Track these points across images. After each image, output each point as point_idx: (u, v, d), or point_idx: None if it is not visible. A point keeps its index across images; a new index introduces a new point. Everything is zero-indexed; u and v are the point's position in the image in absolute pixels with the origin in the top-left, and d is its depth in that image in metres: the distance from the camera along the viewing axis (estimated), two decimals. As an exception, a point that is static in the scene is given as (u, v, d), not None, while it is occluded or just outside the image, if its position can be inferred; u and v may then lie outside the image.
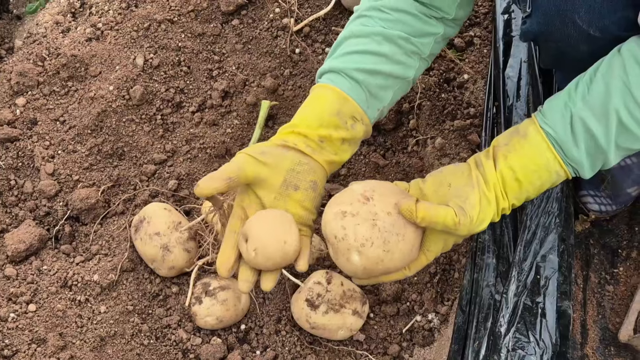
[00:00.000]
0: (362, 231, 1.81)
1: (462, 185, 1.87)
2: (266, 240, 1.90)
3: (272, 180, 1.97)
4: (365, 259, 1.83)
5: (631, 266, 2.42)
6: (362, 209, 1.83)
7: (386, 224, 1.82)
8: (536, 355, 2.04)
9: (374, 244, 1.81)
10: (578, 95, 1.83)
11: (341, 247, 1.84)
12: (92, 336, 2.23)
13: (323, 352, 2.31)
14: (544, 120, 1.86)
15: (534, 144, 1.85)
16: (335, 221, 1.84)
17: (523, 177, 1.86)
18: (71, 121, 2.62)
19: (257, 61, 2.76)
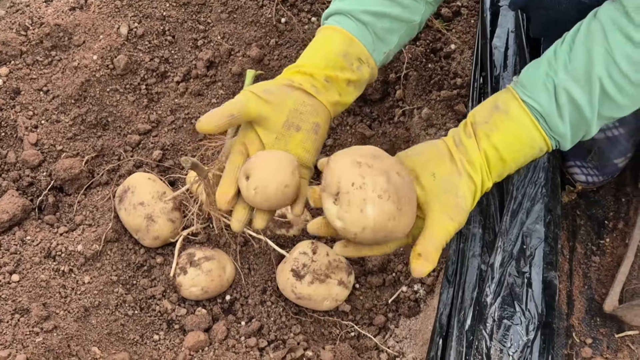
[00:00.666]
0: (380, 182, 1.70)
1: (447, 174, 1.82)
2: (268, 181, 1.86)
3: (274, 119, 1.93)
4: (380, 212, 1.70)
5: (617, 237, 2.42)
6: (375, 163, 1.73)
7: (397, 183, 1.73)
8: (522, 325, 2.03)
9: (390, 197, 1.70)
10: (559, 64, 1.80)
11: (357, 197, 1.71)
12: (76, 306, 2.22)
13: (308, 323, 2.31)
14: (526, 93, 1.83)
15: (518, 121, 1.82)
16: (353, 169, 1.72)
17: (507, 156, 1.83)
18: (55, 91, 2.60)
19: (243, 31, 2.74)
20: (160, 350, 2.24)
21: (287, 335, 2.28)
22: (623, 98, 1.79)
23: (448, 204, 1.79)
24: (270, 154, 1.91)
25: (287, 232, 2.35)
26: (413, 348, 2.24)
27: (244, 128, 1.99)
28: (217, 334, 2.25)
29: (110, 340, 2.22)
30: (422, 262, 1.75)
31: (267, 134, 1.95)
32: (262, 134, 1.95)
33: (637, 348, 2.23)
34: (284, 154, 1.91)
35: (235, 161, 1.95)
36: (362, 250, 1.87)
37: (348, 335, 2.30)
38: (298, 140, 1.95)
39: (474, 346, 2.03)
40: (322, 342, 2.29)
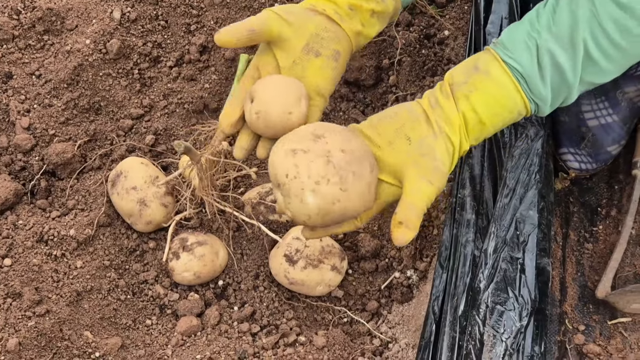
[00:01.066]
0: (316, 168, 1.67)
1: (423, 136, 1.77)
2: (271, 106, 1.82)
3: (294, 42, 1.89)
4: (321, 198, 1.68)
5: (610, 224, 2.42)
6: (314, 146, 1.70)
7: (341, 162, 1.68)
8: (515, 311, 2.04)
9: (330, 181, 1.67)
10: (542, 25, 1.76)
11: (293, 187, 1.69)
12: (69, 291, 2.22)
13: (301, 308, 2.31)
14: (507, 54, 1.78)
15: (499, 82, 1.78)
16: (286, 159, 1.69)
17: (486, 119, 1.79)
18: (47, 75, 2.59)
19: (236, 16, 2.73)
20: (152, 335, 2.24)
21: (279, 321, 2.28)
22: (608, 63, 1.76)
23: (426, 168, 1.75)
24: (278, 77, 1.87)
25: (280, 217, 2.35)
26: (406, 334, 2.24)
27: (261, 50, 1.95)
28: (210, 319, 2.25)
29: (102, 324, 2.22)
30: (403, 230, 1.71)
31: (285, 57, 1.90)
32: (280, 57, 1.91)
33: (630, 335, 2.23)
34: (292, 79, 1.87)
35: (245, 84, 1.92)
36: (328, 230, 1.84)
37: (341, 321, 2.31)
38: (316, 67, 1.91)
39: (467, 332, 2.03)
40: (314, 327, 2.29)
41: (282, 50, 1.90)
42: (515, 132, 2.25)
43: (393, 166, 1.78)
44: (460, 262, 2.16)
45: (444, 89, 1.81)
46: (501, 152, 2.26)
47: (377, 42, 2.59)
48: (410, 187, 1.74)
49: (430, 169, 1.74)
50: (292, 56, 1.90)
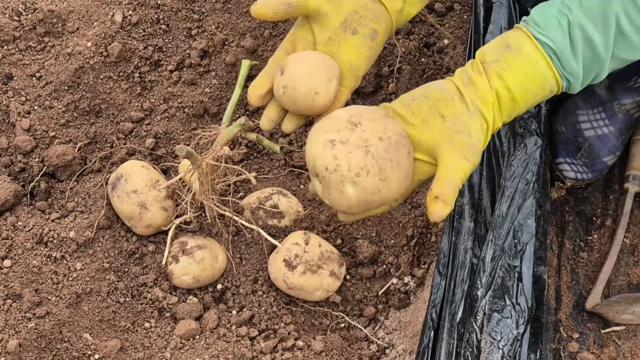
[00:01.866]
0: (355, 160, 1.68)
1: (457, 114, 1.78)
2: (298, 83, 1.82)
3: (332, 18, 1.88)
4: (361, 189, 1.70)
5: (605, 234, 2.44)
6: (351, 136, 1.70)
7: (379, 150, 1.70)
8: (512, 318, 2.05)
9: (369, 172, 1.69)
10: (573, 1, 1.75)
11: (333, 180, 1.71)
12: (68, 293, 2.22)
13: (299, 313, 2.32)
14: (539, 31, 1.78)
15: (532, 59, 1.78)
16: (325, 151, 1.70)
17: (519, 96, 1.79)
18: (48, 77, 2.60)
19: (237, 21, 2.74)
20: (151, 338, 2.25)
21: (278, 325, 2.29)
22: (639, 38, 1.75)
23: (461, 144, 1.76)
24: (313, 54, 1.85)
25: (279, 222, 2.36)
26: (403, 340, 2.25)
27: (297, 24, 1.95)
28: (208, 323, 2.26)
29: (101, 327, 2.23)
30: (440, 205, 1.72)
31: (321, 32, 1.90)
32: (317, 32, 1.90)
33: (623, 343, 2.25)
34: (327, 58, 1.85)
35: (278, 57, 1.92)
36: (365, 214, 1.86)
37: (338, 326, 2.32)
38: (352, 44, 1.90)
39: (464, 338, 2.05)
40: (312, 332, 2.31)
41: (319, 25, 1.90)
42: (514, 142, 2.27)
43: (428, 144, 1.79)
44: (459, 270, 2.18)
45: (475, 67, 1.82)
46: (500, 161, 2.28)
47: (377, 49, 2.61)
48: (446, 163, 1.76)
49: (466, 146, 1.76)
50: (328, 32, 1.90)
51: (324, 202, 1.86)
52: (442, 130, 1.78)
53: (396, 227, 2.41)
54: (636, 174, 2.45)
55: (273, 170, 2.55)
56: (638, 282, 2.36)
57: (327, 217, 2.44)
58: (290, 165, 2.55)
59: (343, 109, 1.80)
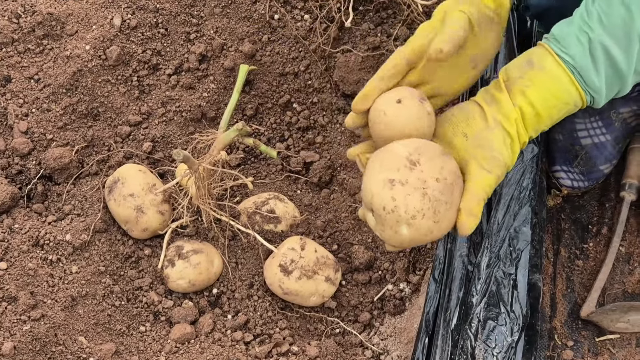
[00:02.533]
0: (413, 202, 1.70)
1: (478, 130, 1.81)
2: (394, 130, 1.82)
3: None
4: (415, 231, 1.72)
5: (600, 242, 2.44)
6: (410, 177, 1.72)
7: (436, 192, 1.72)
8: (507, 326, 2.06)
9: (425, 215, 1.71)
10: (594, 20, 1.76)
11: (389, 220, 1.72)
12: (64, 296, 2.23)
13: (294, 318, 2.33)
14: (560, 48, 1.79)
15: (554, 76, 1.79)
16: (384, 191, 1.72)
17: (543, 112, 1.80)
18: (46, 80, 2.60)
19: (236, 26, 2.74)
20: (146, 341, 2.25)
21: (273, 330, 2.29)
22: None
23: (483, 158, 1.79)
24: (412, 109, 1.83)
25: (275, 227, 2.36)
26: (397, 346, 2.26)
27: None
28: (204, 327, 2.26)
29: (96, 330, 2.23)
30: (466, 218, 1.76)
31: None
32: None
33: (618, 352, 2.25)
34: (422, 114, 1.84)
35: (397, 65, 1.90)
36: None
37: (333, 332, 2.32)
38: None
39: (459, 345, 2.05)
40: (307, 337, 2.31)
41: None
42: (510, 149, 2.28)
43: (456, 162, 1.82)
44: (454, 277, 2.18)
45: (498, 85, 1.84)
46: (496, 168, 2.28)
47: (376, 56, 2.61)
48: (471, 177, 1.79)
49: (488, 158, 1.79)
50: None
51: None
52: (466, 148, 1.81)
53: (392, 233, 2.41)
54: (632, 183, 2.45)
55: (270, 175, 2.56)
56: (633, 290, 2.36)
57: (323, 223, 2.45)
58: (288, 170, 2.56)
59: (402, 143, 1.80)
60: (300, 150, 2.57)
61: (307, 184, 2.55)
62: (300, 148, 2.58)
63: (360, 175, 2.46)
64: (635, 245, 2.44)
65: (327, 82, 2.65)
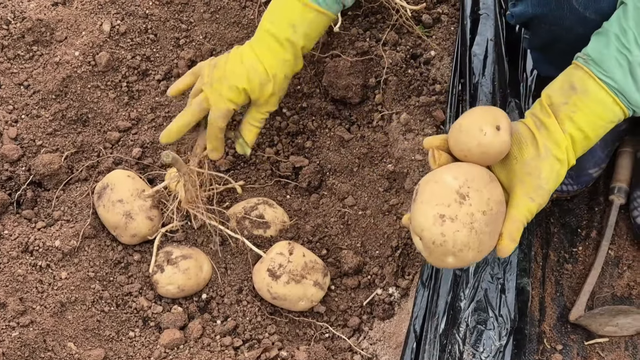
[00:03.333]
0: (461, 238, 1.77)
1: (529, 157, 1.85)
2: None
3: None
4: (459, 261, 1.80)
5: (590, 246, 2.45)
6: (460, 212, 1.78)
7: (482, 225, 1.79)
8: (495, 330, 2.06)
9: (470, 248, 1.78)
10: (631, 42, 1.79)
11: (437, 251, 1.80)
12: (53, 302, 2.23)
13: (283, 323, 2.33)
14: (600, 71, 1.82)
15: (599, 100, 1.82)
16: (435, 227, 1.79)
17: (591, 134, 1.85)
18: (35, 86, 2.60)
19: (225, 31, 2.75)
20: (135, 347, 2.25)
21: (262, 335, 2.29)
22: None
23: (530, 186, 1.83)
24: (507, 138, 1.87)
25: (264, 232, 2.37)
26: (387, 350, 2.26)
27: None
28: (193, 332, 2.27)
29: (86, 336, 2.23)
30: (507, 243, 1.83)
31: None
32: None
33: (607, 355, 2.26)
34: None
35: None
36: None
37: (322, 336, 2.32)
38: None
39: (447, 350, 2.06)
40: (296, 342, 2.31)
41: None
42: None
43: (503, 182, 1.89)
44: (442, 281, 2.18)
45: (544, 110, 1.87)
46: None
47: (365, 60, 2.61)
48: (514, 203, 1.86)
49: (534, 187, 1.84)
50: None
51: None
52: (515, 172, 1.87)
53: (381, 238, 2.42)
54: (621, 186, 2.46)
55: (259, 180, 2.56)
56: (622, 294, 2.37)
57: (312, 228, 2.45)
58: (277, 175, 2.56)
59: (452, 173, 1.85)
60: (290, 155, 2.57)
61: (296, 189, 2.55)
62: (290, 153, 2.58)
63: (350, 180, 2.48)
64: (625, 249, 2.45)
65: (316, 87, 2.65)
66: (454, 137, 1.90)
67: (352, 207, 2.48)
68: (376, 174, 2.52)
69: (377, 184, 2.51)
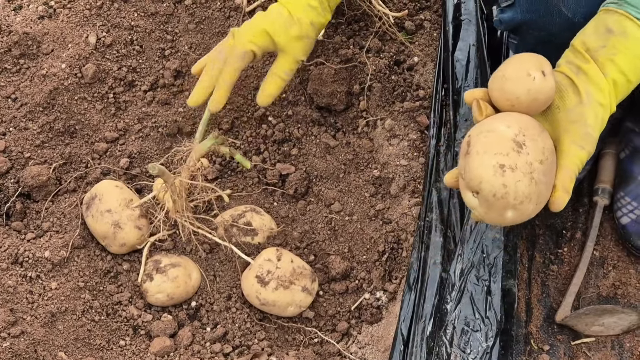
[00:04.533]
0: (522, 189, 1.71)
1: (572, 105, 1.82)
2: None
3: None
4: (519, 214, 1.74)
5: (575, 247, 2.47)
6: (519, 161, 1.72)
7: (540, 175, 1.73)
8: (481, 331, 2.08)
9: (531, 199, 1.72)
10: None
11: (497, 205, 1.73)
12: (43, 312, 2.24)
13: (273, 329, 2.34)
14: (637, 11, 1.80)
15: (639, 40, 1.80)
16: (496, 178, 1.71)
17: (633, 77, 1.82)
18: (23, 99, 2.61)
19: (210, 41, 2.76)
20: (126, 355, 2.26)
21: (251, 341, 2.31)
22: None
23: (577, 134, 1.80)
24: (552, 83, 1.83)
25: (252, 239, 2.38)
26: (375, 354, 2.27)
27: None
28: (183, 340, 2.28)
29: (76, 345, 2.24)
30: (560, 194, 1.79)
31: None
32: None
33: (593, 355, 2.28)
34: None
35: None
36: None
37: (311, 341, 2.34)
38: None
39: (434, 352, 2.08)
40: (286, 347, 2.32)
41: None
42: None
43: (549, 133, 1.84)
44: (428, 284, 2.20)
45: (580, 56, 1.84)
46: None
47: (349, 68, 2.63)
48: (564, 153, 1.82)
49: (581, 135, 1.80)
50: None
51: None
52: (559, 121, 1.83)
53: (368, 243, 2.43)
54: (605, 187, 2.48)
55: (247, 188, 2.57)
56: (608, 294, 2.38)
57: (300, 234, 2.47)
58: (264, 183, 2.57)
59: (505, 121, 1.80)
60: (276, 163, 2.59)
61: (283, 196, 2.56)
62: (276, 160, 2.60)
63: (336, 187, 2.50)
64: (609, 250, 2.46)
65: (301, 95, 2.67)
66: (499, 86, 1.84)
67: (338, 212, 2.50)
68: (362, 180, 2.54)
69: (363, 190, 2.52)
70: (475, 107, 1.86)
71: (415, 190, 2.46)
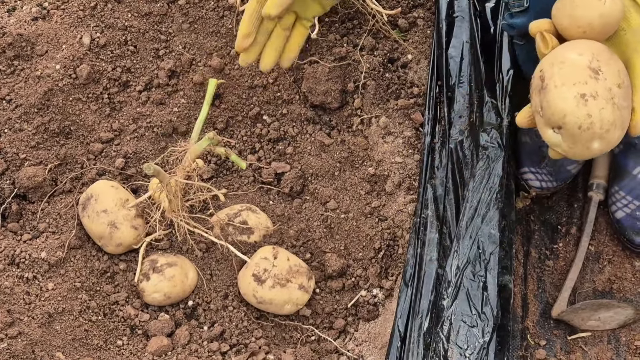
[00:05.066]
0: (606, 116, 1.66)
1: (637, 25, 1.78)
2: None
3: None
4: (606, 143, 1.70)
5: (570, 242, 2.47)
6: (599, 88, 1.67)
7: (620, 100, 1.68)
8: (478, 327, 2.08)
9: (616, 126, 1.68)
10: None
11: (584, 137, 1.68)
12: (40, 313, 2.24)
13: (270, 327, 2.35)
14: None
15: None
16: (579, 108, 1.66)
17: None
18: (17, 100, 2.61)
19: (204, 41, 2.77)
20: (123, 355, 2.26)
21: (248, 340, 2.31)
22: None
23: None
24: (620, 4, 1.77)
25: (248, 238, 2.38)
26: (372, 351, 2.28)
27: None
28: (180, 339, 2.28)
29: (74, 345, 2.24)
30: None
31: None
32: None
33: (590, 349, 2.28)
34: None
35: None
36: None
37: (309, 339, 2.34)
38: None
39: (431, 348, 2.08)
40: (283, 346, 2.33)
41: None
42: (477, 154, 2.31)
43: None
44: (425, 281, 2.21)
45: None
46: (463, 172, 2.32)
47: (343, 66, 2.64)
48: (638, 73, 1.77)
49: None
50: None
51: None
52: (627, 43, 1.79)
53: (364, 240, 2.44)
54: (599, 182, 2.48)
55: (242, 187, 2.57)
56: (603, 288, 2.39)
57: (296, 232, 2.47)
58: (259, 181, 2.58)
59: (576, 49, 1.75)
60: (272, 162, 2.59)
61: (279, 195, 2.57)
62: (272, 159, 2.60)
63: (331, 184, 2.50)
64: (604, 244, 2.47)
65: (295, 94, 2.67)
66: (568, 14, 1.77)
67: (334, 210, 2.51)
68: (357, 178, 2.54)
69: (359, 187, 2.53)
70: (540, 40, 1.81)
71: (410, 187, 2.46)
